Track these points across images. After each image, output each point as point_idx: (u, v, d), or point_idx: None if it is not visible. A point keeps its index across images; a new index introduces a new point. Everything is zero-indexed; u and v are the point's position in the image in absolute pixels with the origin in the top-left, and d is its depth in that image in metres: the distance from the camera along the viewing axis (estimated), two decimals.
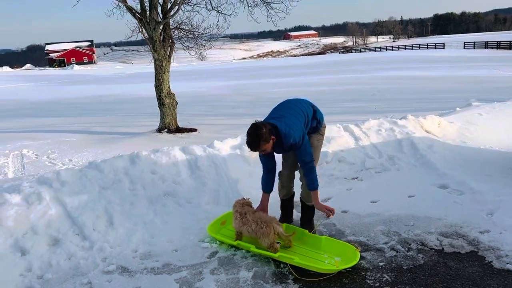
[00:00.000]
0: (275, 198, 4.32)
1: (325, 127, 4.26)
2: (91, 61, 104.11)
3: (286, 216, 4.38)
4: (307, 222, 4.18)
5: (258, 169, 4.35)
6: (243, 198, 4.14)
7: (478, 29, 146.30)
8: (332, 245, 3.80)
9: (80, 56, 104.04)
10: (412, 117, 6.97)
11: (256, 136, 3.61)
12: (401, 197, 4.87)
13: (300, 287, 3.33)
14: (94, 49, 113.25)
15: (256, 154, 5.76)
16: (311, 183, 3.89)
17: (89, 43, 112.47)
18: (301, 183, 4.16)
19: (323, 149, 5.86)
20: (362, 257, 3.63)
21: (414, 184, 5.19)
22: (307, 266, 3.51)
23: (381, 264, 3.57)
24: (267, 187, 4.10)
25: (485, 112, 7.97)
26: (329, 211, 3.90)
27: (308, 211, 4.21)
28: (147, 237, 4.15)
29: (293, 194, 4.41)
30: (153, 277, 3.53)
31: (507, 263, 3.42)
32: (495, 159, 5.86)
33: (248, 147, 3.73)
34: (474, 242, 3.80)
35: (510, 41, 53.62)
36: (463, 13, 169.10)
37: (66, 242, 3.92)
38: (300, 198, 4.24)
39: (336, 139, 6.17)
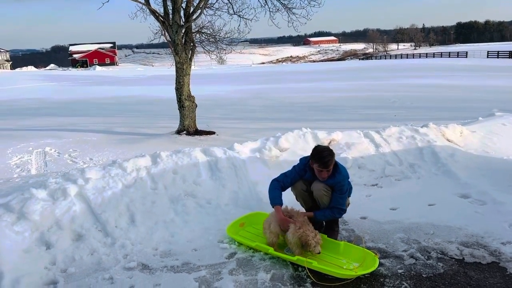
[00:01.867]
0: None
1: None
2: (112, 63, 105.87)
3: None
4: (330, 230, 4.19)
5: (276, 172, 4.39)
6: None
7: (503, 38, 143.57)
8: (351, 251, 3.80)
9: (102, 57, 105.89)
10: (433, 126, 6.88)
11: (332, 155, 3.94)
12: (421, 205, 4.83)
13: None
14: (116, 51, 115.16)
15: (275, 158, 5.84)
16: (328, 214, 4.05)
17: (112, 45, 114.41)
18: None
19: (343, 155, 5.88)
20: (381, 264, 3.62)
21: (435, 192, 5.15)
22: (325, 270, 3.51)
23: (400, 271, 3.55)
24: (280, 200, 4.05)
25: (509, 122, 7.79)
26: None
27: (331, 220, 4.21)
28: (167, 235, 4.22)
29: None
30: (173, 275, 3.59)
31: None
32: None
33: (323, 161, 3.90)
34: (496, 253, 3.75)
35: None
36: (487, 22, 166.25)
37: (89, 238, 4.02)
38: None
39: (356, 146, 6.15)
